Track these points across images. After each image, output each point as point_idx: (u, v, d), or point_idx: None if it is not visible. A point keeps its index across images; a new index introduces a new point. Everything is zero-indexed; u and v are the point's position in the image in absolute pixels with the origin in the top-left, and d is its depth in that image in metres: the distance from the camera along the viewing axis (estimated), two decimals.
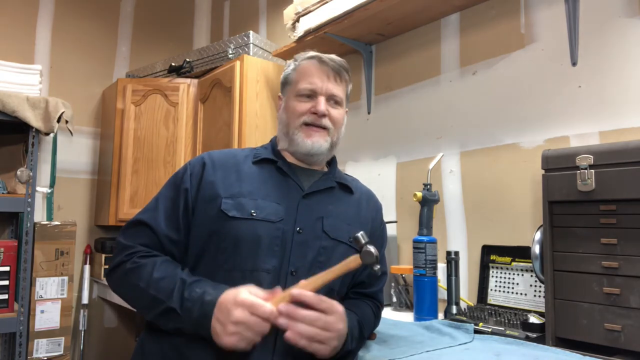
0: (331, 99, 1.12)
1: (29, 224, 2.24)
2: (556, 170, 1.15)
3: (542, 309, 1.23)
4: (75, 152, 2.88)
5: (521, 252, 1.46)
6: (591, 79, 1.37)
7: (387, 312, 1.57)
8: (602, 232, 1.07)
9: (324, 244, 1.05)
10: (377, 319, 1.19)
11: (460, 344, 1.16)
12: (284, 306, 0.87)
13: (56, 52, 2.84)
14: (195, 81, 2.61)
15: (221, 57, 2.48)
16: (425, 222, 1.51)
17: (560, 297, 1.12)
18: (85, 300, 2.72)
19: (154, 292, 0.95)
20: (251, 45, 2.35)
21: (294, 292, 0.88)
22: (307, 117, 1.10)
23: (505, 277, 1.50)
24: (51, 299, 2.38)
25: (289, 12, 2.04)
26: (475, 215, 1.63)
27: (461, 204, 1.68)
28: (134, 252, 1.02)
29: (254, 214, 1.01)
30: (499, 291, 1.50)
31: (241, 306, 0.86)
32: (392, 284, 1.72)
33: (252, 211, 1.02)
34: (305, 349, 0.88)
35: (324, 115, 1.10)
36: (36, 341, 2.33)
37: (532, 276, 1.43)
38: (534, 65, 1.50)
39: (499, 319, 1.32)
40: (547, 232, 1.15)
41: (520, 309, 1.42)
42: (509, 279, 1.49)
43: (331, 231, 1.07)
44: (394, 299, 1.71)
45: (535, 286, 1.42)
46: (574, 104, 1.40)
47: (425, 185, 1.57)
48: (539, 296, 1.40)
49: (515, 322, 1.27)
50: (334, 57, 1.16)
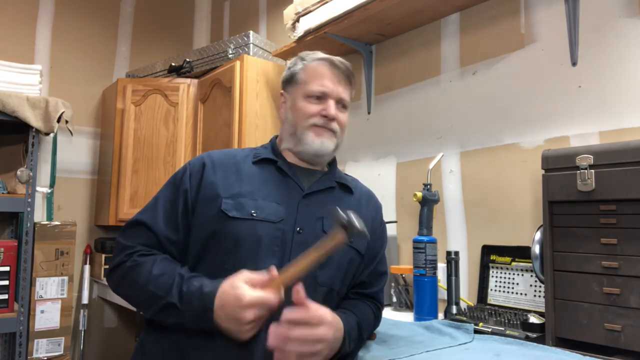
0: (339, 103, 1.13)
1: (29, 224, 2.24)
2: (556, 170, 1.15)
3: (542, 309, 1.23)
4: (75, 152, 2.88)
5: (521, 252, 1.46)
6: (591, 79, 1.37)
7: (387, 312, 1.57)
8: (602, 232, 1.07)
9: None
10: (377, 319, 1.18)
11: (460, 344, 1.16)
12: (273, 333, 0.86)
13: (56, 52, 2.84)
14: (195, 81, 2.61)
15: (221, 57, 2.48)
16: (425, 222, 1.51)
17: (560, 297, 1.12)
18: (85, 300, 2.72)
19: (153, 288, 0.95)
20: (251, 45, 2.35)
21: (284, 317, 0.87)
22: (317, 120, 1.10)
23: (505, 277, 1.50)
24: (51, 299, 2.38)
25: (289, 12, 2.04)
26: (475, 215, 1.63)
27: (461, 204, 1.68)
28: (134, 252, 1.02)
29: (254, 214, 1.01)
30: (499, 291, 1.50)
31: (250, 307, 0.87)
32: (392, 284, 1.72)
33: (252, 211, 1.02)
34: None
35: (333, 119, 1.11)
36: (36, 341, 2.33)
37: (532, 276, 1.43)
38: (534, 65, 1.50)
39: (499, 319, 1.32)
40: (547, 232, 1.15)
41: (520, 309, 1.42)
42: (509, 279, 1.49)
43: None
44: (394, 299, 1.71)
45: (535, 286, 1.42)
46: (574, 104, 1.40)
47: (425, 185, 1.57)
48: (539, 296, 1.40)
49: (515, 322, 1.27)
50: (343, 60, 1.16)
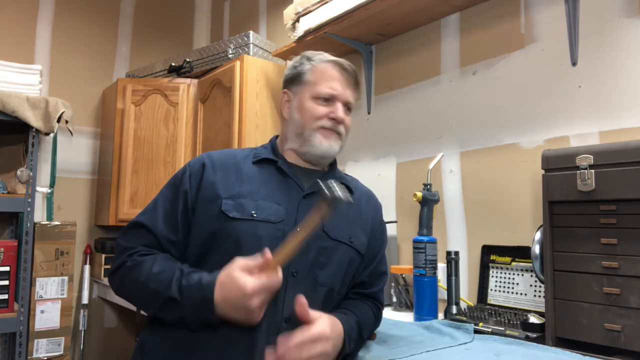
0: (345, 106, 1.14)
1: (29, 224, 2.24)
2: (556, 170, 1.15)
3: (542, 309, 1.23)
4: (75, 152, 2.88)
5: (521, 252, 1.46)
6: (591, 79, 1.37)
7: (387, 312, 1.57)
8: (602, 232, 1.07)
9: (325, 244, 1.05)
10: (377, 319, 1.18)
11: (460, 344, 1.16)
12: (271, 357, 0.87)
13: (56, 52, 2.84)
14: (195, 81, 2.61)
15: (221, 57, 2.48)
16: (425, 222, 1.51)
17: (560, 297, 1.12)
18: (85, 300, 2.72)
19: (153, 285, 0.96)
20: (251, 45, 2.35)
21: (283, 344, 0.87)
22: (326, 122, 1.11)
23: (505, 277, 1.50)
24: (51, 299, 2.38)
25: (289, 12, 2.04)
26: (475, 215, 1.63)
27: (461, 204, 1.68)
28: (134, 252, 1.02)
29: (255, 215, 1.01)
30: (499, 291, 1.50)
31: (254, 295, 0.88)
32: (392, 284, 1.72)
33: (253, 212, 1.02)
34: None
35: (342, 122, 1.12)
36: (36, 341, 2.33)
37: (532, 276, 1.43)
38: (534, 65, 1.50)
39: (499, 319, 1.32)
40: (547, 232, 1.15)
41: (520, 309, 1.42)
42: (509, 279, 1.49)
43: (332, 231, 1.07)
44: (394, 299, 1.71)
45: (535, 286, 1.42)
46: (574, 104, 1.40)
47: (425, 185, 1.57)
48: (539, 296, 1.40)
49: (515, 322, 1.27)
50: (350, 63, 1.17)
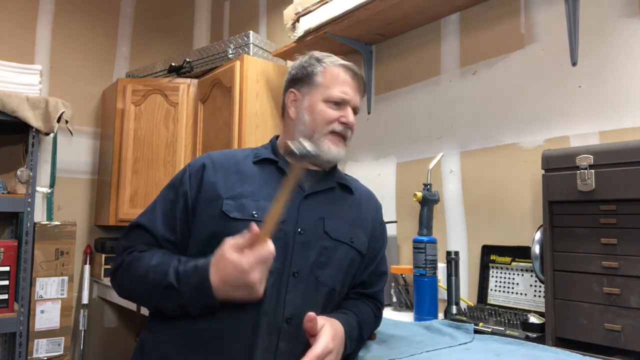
0: (354, 110, 1.15)
1: (29, 224, 2.24)
2: (556, 170, 1.15)
3: (542, 309, 1.23)
4: (75, 152, 2.88)
5: (521, 252, 1.46)
6: (591, 79, 1.37)
7: (387, 312, 1.57)
8: (602, 232, 1.07)
9: (326, 244, 1.05)
10: (378, 319, 1.19)
11: (460, 344, 1.16)
12: None
13: (56, 52, 2.84)
14: (195, 81, 2.61)
15: (221, 57, 2.48)
16: (425, 222, 1.51)
17: (560, 297, 1.12)
18: (85, 300, 2.72)
19: (152, 275, 0.96)
20: (251, 45, 2.35)
21: None
22: (337, 126, 1.11)
23: (505, 277, 1.50)
24: (51, 299, 2.38)
25: (289, 12, 2.04)
26: (475, 215, 1.63)
27: (461, 204, 1.68)
28: (134, 250, 1.04)
29: (256, 215, 1.01)
30: (499, 291, 1.50)
31: (252, 269, 0.87)
32: (392, 284, 1.72)
33: (254, 212, 1.02)
34: None
35: (352, 127, 1.13)
36: (36, 341, 2.33)
37: (532, 276, 1.43)
38: (534, 65, 1.50)
39: (499, 319, 1.32)
40: (547, 232, 1.15)
41: (520, 309, 1.42)
42: (509, 279, 1.49)
43: (332, 232, 1.07)
44: (394, 299, 1.71)
45: (535, 286, 1.42)
46: (574, 104, 1.40)
47: (425, 185, 1.57)
48: (539, 296, 1.40)
49: (515, 322, 1.27)
50: (358, 68, 1.18)
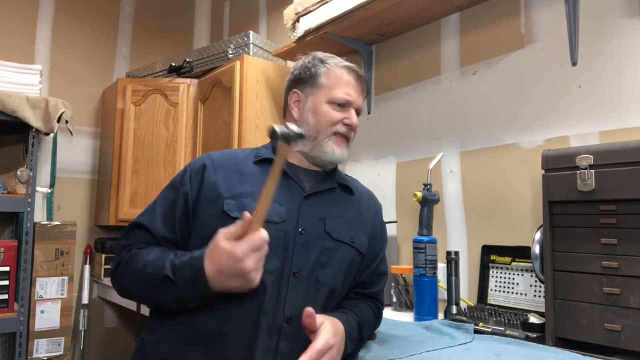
0: (356, 112, 1.16)
1: (29, 224, 2.24)
2: (556, 170, 1.15)
3: (542, 309, 1.23)
4: (75, 152, 2.88)
5: (521, 252, 1.46)
6: (591, 79, 1.37)
7: (387, 312, 1.57)
8: (602, 232, 1.07)
9: (326, 244, 1.05)
10: (378, 319, 1.19)
11: (460, 344, 1.16)
12: None
13: (56, 52, 2.84)
14: (195, 81, 2.61)
15: (221, 57, 2.48)
16: (425, 222, 1.51)
17: (560, 297, 1.12)
18: (85, 300, 2.72)
19: (150, 270, 0.97)
20: (251, 45, 2.35)
21: None
22: (340, 127, 1.12)
23: (505, 277, 1.50)
24: (51, 299, 2.38)
25: (289, 12, 2.04)
26: (475, 215, 1.63)
27: (461, 204, 1.68)
28: (132, 248, 1.04)
29: None
30: (499, 291, 1.50)
31: (246, 257, 0.87)
32: (392, 284, 1.72)
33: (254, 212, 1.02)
34: None
35: (355, 128, 1.14)
36: (36, 341, 2.33)
37: (532, 276, 1.43)
38: (534, 65, 1.50)
39: (499, 319, 1.32)
40: (547, 232, 1.15)
41: (520, 309, 1.42)
42: (509, 279, 1.49)
43: (333, 232, 1.07)
44: (394, 299, 1.71)
45: (535, 286, 1.42)
46: (574, 104, 1.40)
47: (425, 185, 1.57)
48: (539, 296, 1.40)
49: (515, 322, 1.27)
50: (361, 70, 1.18)
